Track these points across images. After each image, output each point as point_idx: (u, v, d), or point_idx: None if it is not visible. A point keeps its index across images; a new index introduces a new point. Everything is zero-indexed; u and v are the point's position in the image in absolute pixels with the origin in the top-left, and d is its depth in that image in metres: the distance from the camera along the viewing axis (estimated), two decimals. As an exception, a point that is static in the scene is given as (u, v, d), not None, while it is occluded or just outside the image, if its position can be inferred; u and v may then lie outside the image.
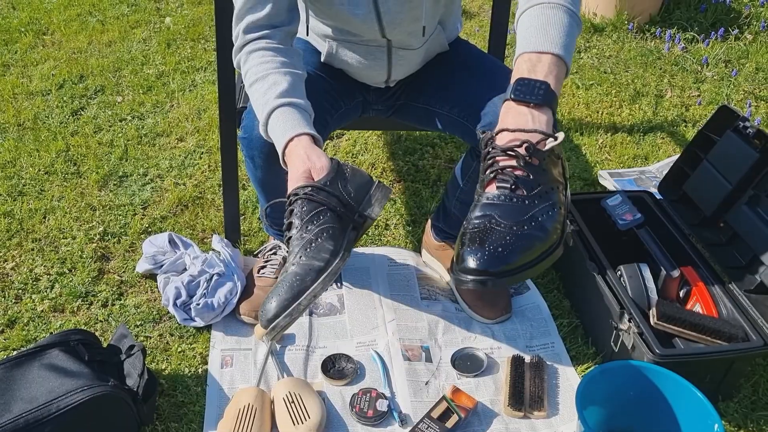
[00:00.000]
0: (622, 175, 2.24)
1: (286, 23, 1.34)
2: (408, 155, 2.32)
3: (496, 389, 1.56)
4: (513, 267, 1.03)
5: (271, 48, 1.32)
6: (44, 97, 2.61)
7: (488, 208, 1.07)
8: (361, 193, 1.26)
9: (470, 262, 1.03)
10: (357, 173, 1.28)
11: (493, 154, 1.09)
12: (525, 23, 1.18)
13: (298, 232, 1.19)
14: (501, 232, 1.04)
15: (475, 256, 1.03)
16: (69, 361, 1.40)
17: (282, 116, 1.26)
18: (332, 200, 1.22)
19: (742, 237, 1.65)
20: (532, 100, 1.10)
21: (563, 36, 1.14)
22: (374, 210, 1.25)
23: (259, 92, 1.29)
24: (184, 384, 1.55)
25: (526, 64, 1.13)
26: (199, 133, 2.42)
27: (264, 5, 1.31)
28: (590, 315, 1.69)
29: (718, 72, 2.85)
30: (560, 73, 1.14)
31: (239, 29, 1.33)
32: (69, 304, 1.74)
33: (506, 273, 1.03)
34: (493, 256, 1.02)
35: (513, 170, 1.08)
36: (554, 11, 1.16)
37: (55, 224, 1.99)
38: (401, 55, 1.50)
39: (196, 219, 2.02)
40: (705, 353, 1.44)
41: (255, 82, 1.30)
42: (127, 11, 3.31)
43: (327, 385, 1.56)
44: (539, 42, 1.14)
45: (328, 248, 1.19)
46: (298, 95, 1.29)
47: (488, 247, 1.03)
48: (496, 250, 1.03)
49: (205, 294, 1.69)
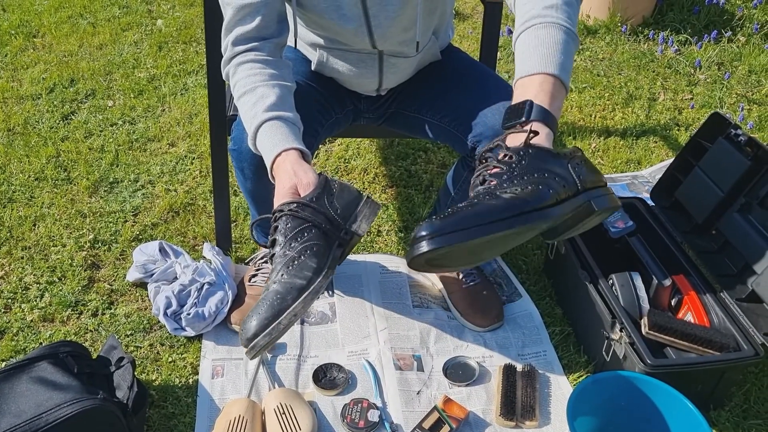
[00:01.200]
0: (615, 180, 2.24)
1: (276, 35, 1.33)
2: (400, 160, 2.32)
3: (487, 399, 1.56)
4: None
5: (260, 60, 1.31)
6: (34, 101, 2.59)
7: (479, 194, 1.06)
8: (348, 209, 1.24)
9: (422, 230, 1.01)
10: (345, 188, 1.26)
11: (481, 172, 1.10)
12: (519, 47, 1.16)
13: (281, 249, 1.18)
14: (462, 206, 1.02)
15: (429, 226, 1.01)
16: (58, 374, 1.39)
17: (270, 130, 1.25)
18: (318, 217, 1.20)
19: (733, 245, 1.64)
20: (520, 122, 1.09)
21: (557, 54, 1.11)
22: (361, 227, 1.24)
23: (248, 105, 1.28)
24: (175, 395, 1.54)
25: (518, 90, 1.13)
26: (190, 138, 2.41)
27: (253, 17, 1.30)
28: (582, 323, 1.68)
29: (711, 75, 2.85)
30: (554, 89, 1.10)
31: (228, 41, 1.32)
32: (59, 314, 1.72)
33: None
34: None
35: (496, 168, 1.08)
36: (548, 30, 1.13)
37: (44, 232, 1.98)
38: (393, 63, 1.49)
39: (187, 226, 2.01)
40: (696, 363, 1.44)
41: (243, 94, 1.29)
42: (118, 13, 3.29)
43: (318, 395, 1.56)
44: (530, 65, 1.12)
45: (311, 266, 1.17)
46: (286, 108, 1.28)
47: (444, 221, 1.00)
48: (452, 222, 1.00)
49: (196, 303, 1.68)
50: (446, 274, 1.79)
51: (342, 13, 1.36)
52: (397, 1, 1.34)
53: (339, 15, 1.36)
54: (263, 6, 1.30)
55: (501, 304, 1.77)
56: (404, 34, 1.42)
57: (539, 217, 1.02)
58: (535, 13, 1.15)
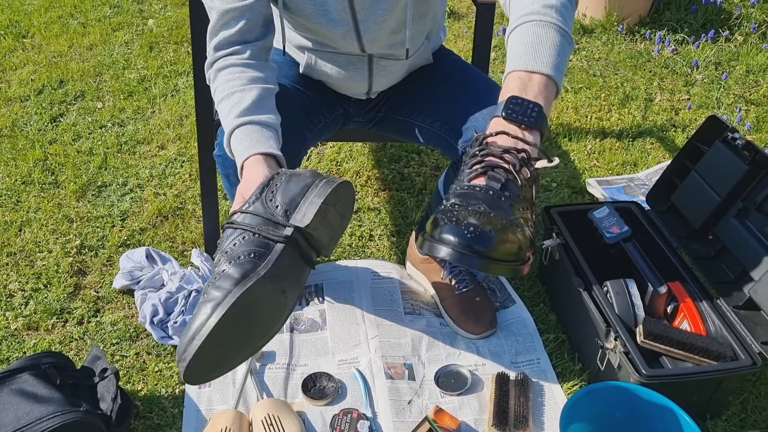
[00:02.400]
0: (611, 183, 2.21)
1: (260, 38, 1.30)
2: (393, 163, 2.29)
3: (480, 408, 1.53)
4: (491, 253, 0.96)
5: (240, 63, 1.27)
6: (23, 103, 2.56)
7: (473, 197, 1.02)
8: (293, 202, 1.09)
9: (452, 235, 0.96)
10: (294, 178, 1.11)
11: (488, 151, 1.05)
12: (516, 40, 1.12)
13: (214, 267, 1.07)
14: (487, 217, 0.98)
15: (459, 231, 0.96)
16: (39, 386, 1.36)
17: (240, 136, 1.21)
18: (251, 220, 1.06)
19: (731, 251, 1.62)
20: (524, 122, 1.06)
21: (555, 56, 1.09)
22: (303, 218, 1.07)
23: (224, 112, 1.25)
24: (161, 405, 1.51)
25: (517, 83, 1.09)
26: (180, 141, 2.37)
27: (238, 21, 1.27)
28: (576, 331, 1.65)
29: (708, 75, 2.82)
30: (550, 94, 1.09)
31: (211, 46, 1.30)
32: (43, 322, 1.69)
33: (482, 254, 0.96)
34: (476, 236, 0.96)
35: (505, 172, 1.04)
36: (546, 30, 1.11)
37: (30, 237, 1.94)
38: (383, 65, 1.46)
39: (176, 231, 1.98)
40: (692, 373, 1.41)
41: (221, 101, 1.26)
42: (109, 13, 3.26)
43: (307, 405, 1.53)
44: (530, 61, 1.09)
45: (230, 276, 1.02)
46: (261, 111, 1.23)
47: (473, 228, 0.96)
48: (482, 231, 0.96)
49: (183, 311, 1.65)
50: (438, 280, 1.77)
51: (330, 18, 1.33)
52: (386, 5, 1.31)
53: (327, 19, 1.33)
54: (248, 10, 1.27)
55: (494, 310, 1.74)
56: (393, 37, 1.39)
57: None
58: (534, 9, 1.12)
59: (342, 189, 1.14)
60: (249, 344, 1.10)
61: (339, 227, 1.19)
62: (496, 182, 1.03)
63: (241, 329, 1.05)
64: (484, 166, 1.04)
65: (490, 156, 1.05)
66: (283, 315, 1.13)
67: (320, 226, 1.11)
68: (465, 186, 1.04)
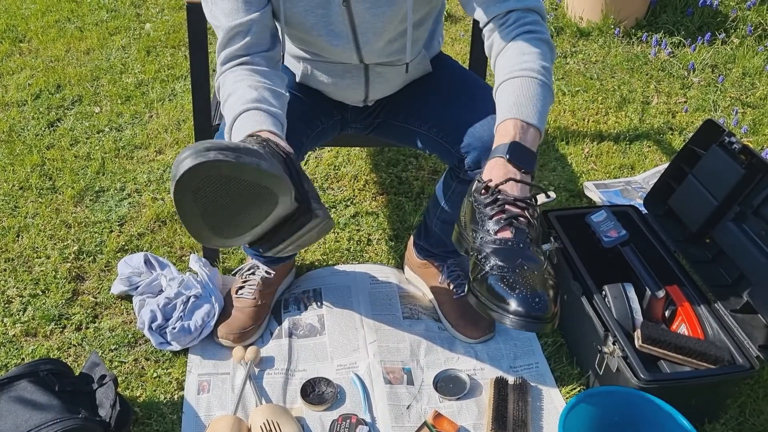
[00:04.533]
0: (608, 187, 2.21)
1: (268, 49, 1.30)
2: (391, 167, 2.29)
3: (479, 413, 1.53)
4: (547, 316, 1.06)
5: (249, 69, 1.27)
6: (20, 108, 2.55)
7: (510, 255, 1.10)
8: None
9: (522, 307, 1.05)
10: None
11: (504, 200, 1.13)
12: (515, 90, 1.22)
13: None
14: (534, 277, 1.08)
15: (527, 303, 1.05)
16: (38, 393, 1.36)
17: (246, 118, 1.20)
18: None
19: (728, 254, 1.62)
20: (525, 168, 1.15)
21: (545, 113, 1.21)
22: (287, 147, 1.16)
23: (229, 105, 1.24)
24: (159, 412, 1.51)
25: (517, 130, 1.17)
26: (178, 145, 2.37)
27: (244, 36, 1.27)
28: (575, 335, 1.66)
29: (705, 77, 2.83)
30: (537, 145, 1.20)
31: (219, 60, 1.30)
32: (42, 328, 1.69)
33: (544, 320, 1.06)
34: (541, 305, 1.06)
35: (524, 220, 1.13)
36: (541, 88, 1.22)
37: (29, 243, 1.94)
38: (379, 72, 1.46)
39: (174, 236, 1.98)
40: (690, 377, 1.42)
41: (228, 97, 1.25)
42: (106, 17, 3.25)
43: (306, 411, 1.53)
44: (528, 112, 1.18)
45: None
46: (268, 103, 1.23)
47: (538, 298, 1.06)
48: (543, 300, 1.06)
49: (182, 317, 1.65)
50: (436, 284, 1.77)
51: (330, 30, 1.33)
52: (385, 17, 1.32)
53: (328, 31, 1.34)
54: (254, 24, 1.27)
55: (492, 314, 1.74)
56: (390, 46, 1.40)
57: None
58: (529, 67, 1.23)
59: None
60: (236, 214, 1.10)
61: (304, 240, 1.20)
62: (523, 234, 1.12)
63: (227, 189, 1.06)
64: (507, 218, 1.12)
65: (507, 205, 1.13)
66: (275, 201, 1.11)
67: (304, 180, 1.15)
68: (496, 240, 1.12)
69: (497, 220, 1.12)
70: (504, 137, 1.18)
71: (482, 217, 1.14)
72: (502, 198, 1.13)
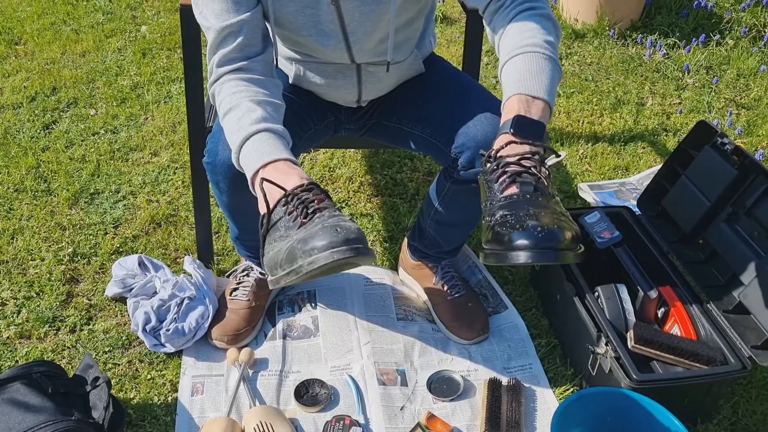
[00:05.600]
0: (603, 188, 2.21)
1: (261, 51, 1.29)
2: (386, 168, 2.29)
3: (472, 414, 1.53)
4: (561, 245, 1.04)
5: (246, 79, 1.26)
6: (15, 110, 2.55)
7: (517, 205, 1.08)
8: None
9: (524, 239, 1.04)
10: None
11: (506, 162, 1.11)
12: (518, 66, 1.20)
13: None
14: (542, 216, 1.05)
15: (529, 234, 1.04)
16: (31, 395, 1.36)
17: (258, 142, 1.19)
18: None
19: (721, 255, 1.62)
20: (532, 139, 1.13)
21: (551, 85, 1.19)
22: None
23: (233, 120, 1.23)
24: (153, 414, 1.51)
25: (521, 105, 1.16)
26: (173, 148, 2.37)
27: (236, 37, 1.26)
28: (568, 336, 1.66)
29: (699, 79, 2.84)
30: (547, 118, 1.17)
31: (212, 63, 1.28)
32: (36, 330, 1.69)
33: (555, 248, 1.03)
34: (546, 234, 1.03)
35: (530, 175, 1.11)
36: (543, 61, 1.20)
37: (23, 245, 1.94)
38: (371, 72, 1.47)
39: (169, 238, 1.98)
40: (683, 378, 1.42)
41: (228, 111, 1.24)
42: (102, 19, 3.25)
43: (300, 412, 1.53)
44: (533, 86, 1.17)
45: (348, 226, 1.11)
46: (275, 121, 1.23)
47: (540, 227, 1.04)
48: (548, 229, 1.04)
49: (176, 319, 1.65)
50: (431, 286, 1.77)
51: (320, 30, 1.34)
52: (374, 16, 1.32)
53: (317, 31, 1.34)
54: (245, 24, 1.26)
55: (486, 315, 1.75)
56: (381, 45, 1.40)
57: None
58: (532, 42, 1.21)
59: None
60: None
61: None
62: (528, 186, 1.10)
63: None
64: (510, 176, 1.10)
65: (510, 165, 1.11)
66: None
67: None
68: (501, 198, 1.10)
69: (501, 180, 1.11)
70: (509, 113, 1.16)
71: (489, 184, 1.13)
72: (503, 161, 1.12)
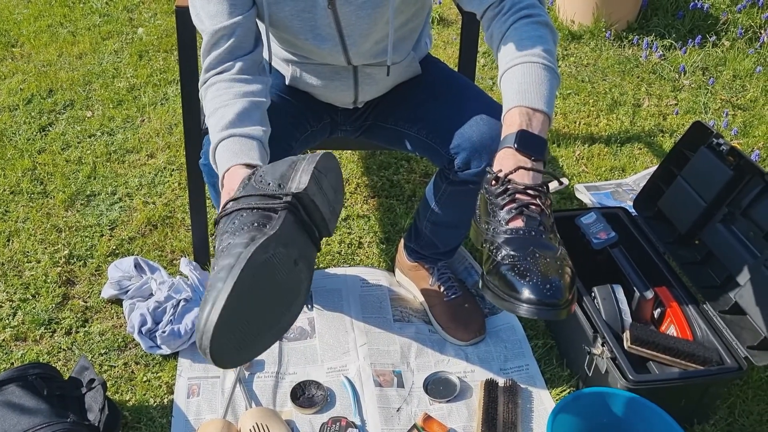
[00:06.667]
0: (599, 189, 2.22)
1: (249, 51, 1.29)
2: (383, 170, 2.29)
3: (469, 415, 1.53)
4: (561, 302, 1.05)
5: (228, 79, 1.27)
6: (11, 112, 2.55)
7: (522, 243, 1.08)
8: (285, 177, 1.09)
9: (534, 295, 1.04)
10: (277, 164, 1.11)
11: (514, 189, 1.11)
12: (517, 77, 1.20)
13: (215, 256, 1.03)
14: (549, 265, 1.06)
15: (539, 290, 1.04)
16: (26, 397, 1.36)
17: (221, 150, 1.21)
18: (246, 202, 1.05)
19: (717, 256, 1.62)
20: (534, 155, 1.14)
21: (551, 96, 1.19)
22: (300, 182, 1.06)
23: (211, 128, 1.25)
24: (149, 416, 1.51)
25: (522, 118, 1.16)
26: (170, 149, 2.37)
27: (228, 39, 1.26)
28: (565, 337, 1.66)
29: (696, 80, 2.84)
30: (547, 130, 1.18)
31: (204, 66, 1.30)
32: (32, 332, 1.69)
33: (558, 306, 1.05)
34: (553, 291, 1.04)
35: (536, 207, 1.11)
36: (543, 71, 1.20)
37: (19, 247, 1.94)
38: (368, 73, 1.47)
39: (165, 240, 1.98)
40: (679, 378, 1.42)
41: (209, 117, 1.26)
42: (99, 21, 3.25)
43: (296, 414, 1.53)
44: (533, 98, 1.17)
45: (237, 244, 0.98)
46: (243, 123, 1.22)
47: (549, 284, 1.04)
48: (556, 285, 1.04)
49: (172, 320, 1.64)
50: (427, 287, 1.77)
51: (317, 33, 1.34)
52: (370, 18, 1.32)
53: (314, 35, 1.34)
54: (238, 27, 1.27)
55: (483, 317, 1.75)
56: (378, 46, 1.40)
57: None
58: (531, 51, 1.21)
59: (328, 159, 1.14)
60: (272, 319, 1.05)
61: (335, 201, 1.17)
62: (534, 221, 1.10)
63: (260, 297, 1.01)
64: (518, 207, 1.10)
65: (517, 194, 1.11)
66: (300, 291, 1.09)
67: (318, 192, 1.10)
68: (507, 230, 1.10)
69: (508, 209, 1.11)
70: (510, 127, 1.16)
71: (494, 207, 1.13)
72: (512, 187, 1.11)
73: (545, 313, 1.04)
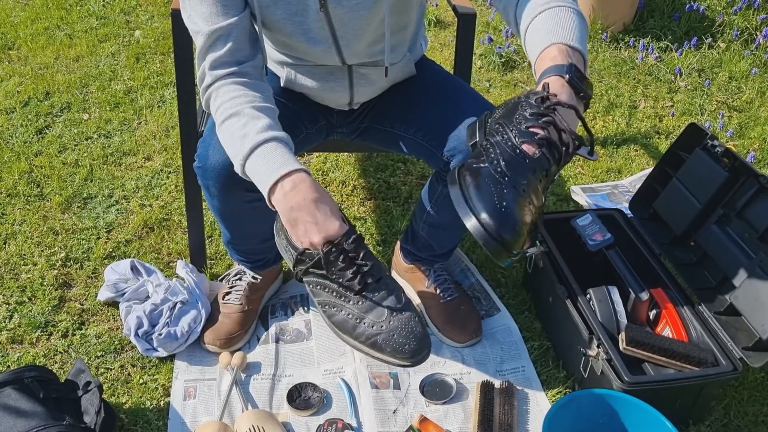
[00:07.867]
0: (595, 190, 2.22)
1: (251, 57, 1.28)
2: (379, 172, 2.29)
3: (465, 417, 1.53)
4: (517, 248, 1.01)
5: (241, 83, 1.25)
6: (8, 115, 2.55)
7: (521, 169, 1.03)
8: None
9: (491, 220, 1.00)
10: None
11: (551, 121, 1.04)
12: (547, 21, 1.16)
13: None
14: (525, 208, 1.02)
15: (500, 219, 1.00)
16: (22, 400, 1.36)
17: (269, 151, 1.18)
18: None
19: (712, 257, 1.63)
20: (581, 93, 1.08)
21: (584, 40, 1.15)
22: None
23: (235, 127, 1.21)
24: (146, 418, 1.51)
25: (562, 54, 1.10)
26: (167, 152, 2.37)
27: (225, 41, 1.25)
28: (560, 338, 1.66)
29: (692, 82, 2.85)
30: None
31: (203, 67, 1.27)
32: (28, 335, 1.69)
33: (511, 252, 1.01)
34: (515, 231, 1.00)
35: (556, 153, 1.05)
36: (574, 15, 1.17)
37: (15, 250, 1.94)
38: (362, 74, 1.47)
39: (161, 242, 1.98)
40: (674, 380, 1.42)
41: (229, 117, 1.22)
42: (96, 24, 3.26)
43: (293, 416, 1.53)
44: (568, 37, 1.12)
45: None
46: (279, 129, 1.22)
47: (512, 219, 1.00)
48: (516, 226, 1.00)
49: (168, 323, 1.64)
50: (423, 289, 1.77)
51: (309, 35, 1.34)
52: (363, 19, 1.32)
53: (307, 38, 1.34)
54: (234, 28, 1.25)
55: (479, 318, 1.75)
56: (373, 47, 1.40)
57: None
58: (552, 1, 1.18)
59: None
60: None
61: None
62: (544, 162, 1.04)
63: None
64: (542, 139, 1.04)
65: (551, 126, 1.04)
66: None
67: None
68: (516, 148, 1.04)
69: (533, 132, 1.04)
70: (553, 60, 1.09)
71: (520, 119, 1.06)
72: (552, 118, 1.04)
73: (490, 243, 0.99)
